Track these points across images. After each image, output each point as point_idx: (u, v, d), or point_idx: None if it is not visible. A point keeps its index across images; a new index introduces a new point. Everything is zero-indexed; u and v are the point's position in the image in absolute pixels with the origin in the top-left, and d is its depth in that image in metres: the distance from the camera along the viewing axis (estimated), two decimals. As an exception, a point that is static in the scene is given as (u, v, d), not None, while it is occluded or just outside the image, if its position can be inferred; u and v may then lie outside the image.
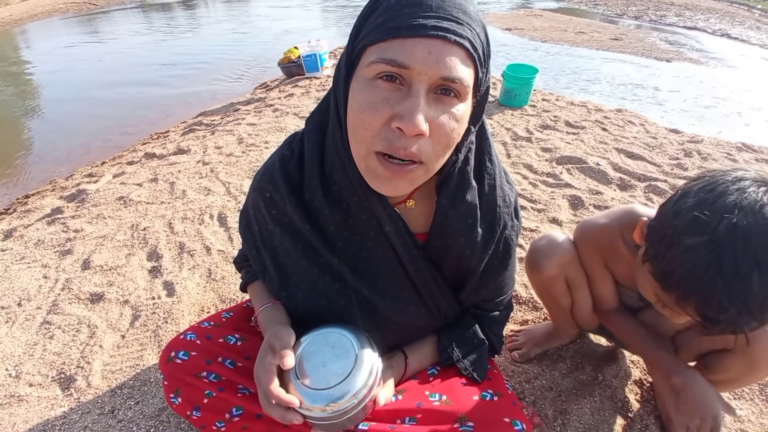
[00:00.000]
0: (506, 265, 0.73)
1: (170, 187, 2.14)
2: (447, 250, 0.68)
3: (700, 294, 0.63)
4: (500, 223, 0.68)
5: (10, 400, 1.12)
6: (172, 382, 0.76)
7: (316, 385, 0.59)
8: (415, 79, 0.48)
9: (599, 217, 0.95)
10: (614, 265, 0.95)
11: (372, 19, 0.51)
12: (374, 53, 0.49)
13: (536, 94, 3.49)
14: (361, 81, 0.51)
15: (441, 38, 0.47)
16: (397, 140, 0.50)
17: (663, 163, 2.33)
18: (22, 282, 1.54)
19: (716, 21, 9.13)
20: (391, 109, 0.49)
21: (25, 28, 8.95)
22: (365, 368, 0.60)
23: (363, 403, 0.60)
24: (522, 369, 1.13)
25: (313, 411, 0.58)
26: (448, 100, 0.51)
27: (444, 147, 0.53)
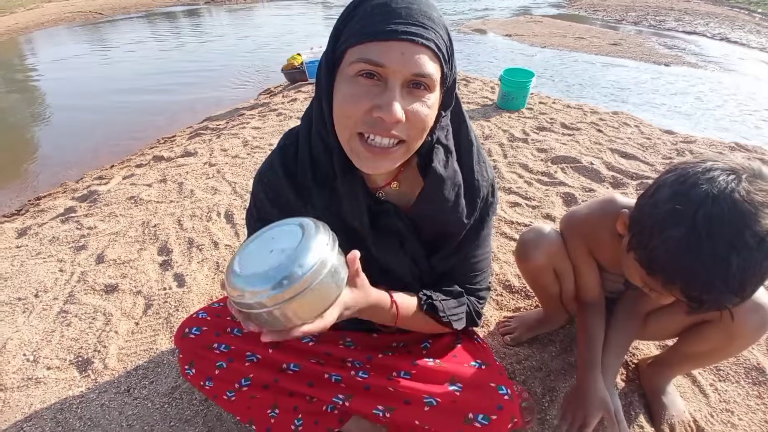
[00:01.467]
0: (478, 237, 0.77)
1: (179, 187, 2.22)
2: (429, 223, 0.74)
3: (684, 278, 0.69)
4: (480, 195, 0.75)
5: (27, 382, 1.19)
6: (186, 355, 0.83)
7: (253, 270, 0.51)
8: (390, 76, 0.57)
9: (582, 208, 1.01)
10: (598, 252, 1.01)
11: (351, 25, 0.60)
12: (355, 54, 0.58)
13: (533, 97, 3.58)
14: (345, 77, 0.60)
15: (410, 41, 0.56)
16: (378, 125, 0.58)
17: (656, 163, 2.40)
18: (38, 275, 1.62)
19: (716, 25, 9.20)
20: (371, 101, 0.57)
21: (32, 37, 9.14)
22: (314, 250, 0.51)
23: (309, 287, 0.50)
24: (513, 351, 1.20)
25: (249, 298, 0.50)
26: (419, 93, 0.59)
27: (420, 130, 0.62)
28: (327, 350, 0.84)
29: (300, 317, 0.52)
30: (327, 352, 0.83)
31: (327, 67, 0.64)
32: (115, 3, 12.81)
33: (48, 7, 12.04)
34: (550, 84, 4.53)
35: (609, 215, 0.91)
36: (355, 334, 0.89)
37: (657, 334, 1.10)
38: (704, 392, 1.13)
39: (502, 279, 1.49)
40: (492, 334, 1.27)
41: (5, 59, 7.34)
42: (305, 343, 0.84)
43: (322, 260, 0.51)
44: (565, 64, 5.51)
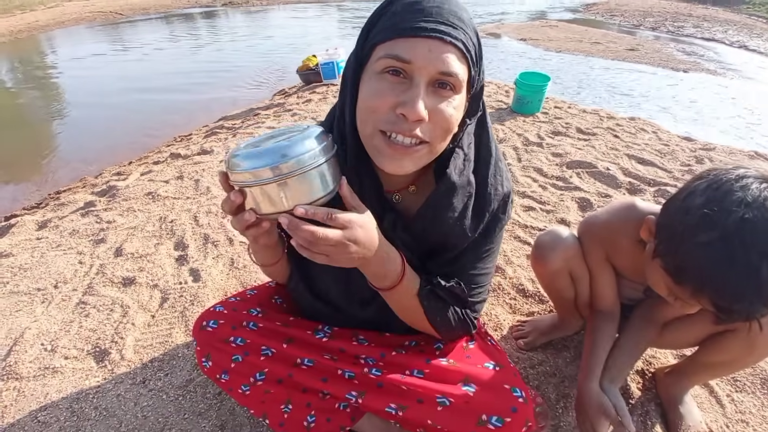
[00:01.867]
0: (480, 251, 0.75)
1: (195, 184, 2.25)
2: (431, 231, 0.71)
3: (714, 286, 0.68)
4: (489, 209, 0.73)
5: (44, 372, 1.21)
6: (204, 347, 0.85)
7: (254, 149, 0.55)
8: (416, 73, 0.57)
9: (601, 213, 1.00)
10: (617, 259, 1.00)
11: (380, 23, 0.60)
12: (382, 50, 0.58)
13: (548, 101, 3.55)
14: (371, 74, 0.60)
15: (439, 38, 0.56)
16: (401, 123, 0.58)
17: (674, 169, 2.36)
18: (58, 267, 1.66)
19: (734, 33, 9.05)
20: (395, 98, 0.57)
21: (52, 35, 9.38)
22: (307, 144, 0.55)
23: (309, 169, 0.54)
24: (527, 356, 1.19)
25: (244, 168, 0.54)
26: (445, 92, 0.59)
27: (444, 131, 0.61)
28: (341, 346, 0.84)
29: (287, 200, 0.55)
30: (341, 348, 0.84)
31: (355, 63, 0.64)
32: (135, 4, 13.09)
33: (68, 6, 12.35)
34: (564, 88, 4.49)
35: (629, 221, 0.90)
36: (367, 333, 0.89)
37: (675, 343, 1.08)
38: (721, 403, 1.11)
39: (515, 283, 1.48)
40: (505, 338, 1.26)
41: (26, 56, 7.55)
42: (319, 338, 0.85)
43: (318, 151, 0.55)
44: (581, 69, 5.47)
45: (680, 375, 1.08)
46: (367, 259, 0.62)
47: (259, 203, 0.56)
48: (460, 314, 0.76)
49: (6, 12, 11.13)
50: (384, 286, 0.69)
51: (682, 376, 1.07)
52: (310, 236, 0.54)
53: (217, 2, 13.96)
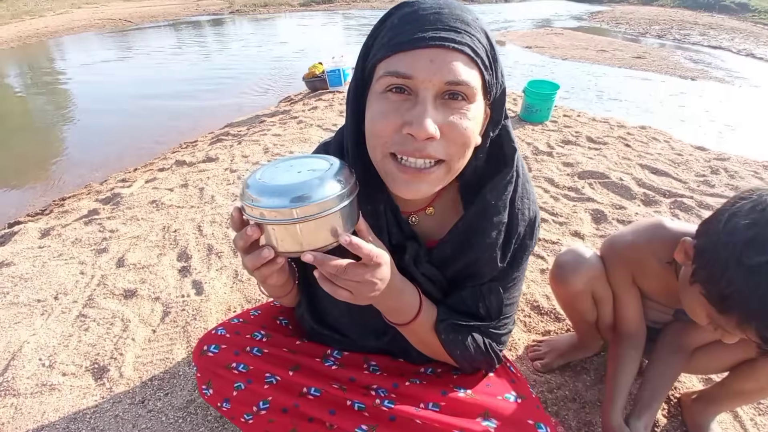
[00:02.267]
0: (507, 280, 0.70)
1: (200, 193, 2.22)
2: (459, 257, 0.67)
3: (763, 315, 0.62)
4: (515, 235, 0.67)
5: (42, 389, 1.17)
6: (204, 373, 0.80)
7: (274, 182, 0.51)
8: (420, 87, 0.52)
9: (627, 232, 0.94)
10: (644, 281, 0.94)
11: (379, 40, 0.56)
12: (382, 68, 0.54)
13: (557, 110, 3.51)
14: (374, 95, 0.56)
15: (440, 47, 0.51)
16: (410, 143, 0.53)
17: (689, 180, 2.30)
18: (59, 277, 1.62)
19: (741, 41, 9.00)
20: (401, 117, 0.53)
21: (61, 41, 9.49)
22: (335, 184, 0.51)
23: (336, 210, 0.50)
24: (544, 379, 1.13)
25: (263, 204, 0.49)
26: (457, 104, 0.54)
27: (461, 146, 0.55)
28: (351, 375, 0.79)
29: (308, 241, 0.51)
30: (351, 377, 0.79)
31: (355, 86, 0.60)
32: (144, 12, 13.25)
33: (77, 13, 12.53)
34: (572, 96, 4.45)
35: (658, 241, 0.85)
36: (380, 358, 0.84)
37: (704, 369, 1.02)
38: (744, 427, 1.05)
39: (530, 299, 1.42)
40: (520, 359, 1.20)
41: (35, 62, 7.63)
42: (328, 366, 0.80)
43: (344, 192, 0.51)
44: (588, 77, 5.43)
45: (708, 402, 1.02)
46: (383, 295, 0.59)
47: (279, 241, 0.52)
48: (484, 347, 0.70)
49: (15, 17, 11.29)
50: (399, 321, 0.65)
51: (710, 402, 1.01)
52: (340, 270, 0.51)
53: (225, 10, 14.10)
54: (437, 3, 0.54)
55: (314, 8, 14.85)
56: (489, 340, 0.71)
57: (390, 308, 0.64)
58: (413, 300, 0.65)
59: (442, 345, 0.69)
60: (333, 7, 15.15)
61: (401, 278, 0.63)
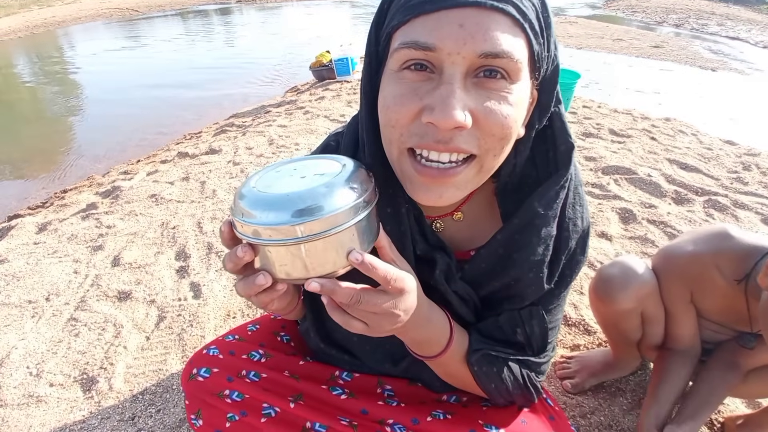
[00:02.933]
0: (552, 302, 0.59)
1: (201, 187, 2.12)
2: (497, 275, 0.55)
3: None
4: (565, 250, 0.55)
5: (29, 400, 1.09)
6: (193, 401, 0.69)
7: (273, 191, 0.40)
8: (446, 62, 0.39)
9: (685, 242, 0.82)
10: (704, 299, 0.82)
11: (395, 2, 0.44)
12: (398, 38, 0.42)
13: (576, 101, 3.34)
14: (388, 74, 0.44)
15: (473, 6, 0.38)
16: (431, 135, 0.41)
17: (721, 177, 2.14)
18: (52, 276, 1.54)
19: (758, 32, 8.71)
20: (420, 101, 0.41)
21: (69, 30, 9.44)
22: (351, 191, 0.40)
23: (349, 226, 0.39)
24: (576, 401, 1.01)
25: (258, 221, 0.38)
26: (495, 83, 0.41)
27: (499, 139, 0.42)
28: (362, 407, 0.67)
29: (314, 265, 0.39)
30: (362, 409, 0.67)
31: (368, 66, 0.48)
32: (151, 1, 13.15)
33: (85, 3, 12.47)
34: (590, 86, 4.26)
35: (724, 254, 0.73)
36: (396, 382, 0.72)
37: (757, 393, 0.91)
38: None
39: (555, 308, 1.30)
40: (548, 377, 1.08)
41: (42, 51, 7.58)
42: (336, 395, 0.69)
43: (357, 205, 0.39)
44: (605, 67, 5.22)
45: (755, 427, 0.92)
46: (405, 327, 0.47)
47: (278, 265, 0.40)
48: (522, 380, 0.59)
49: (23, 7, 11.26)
50: (426, 354, 0.54)
51: (757, 428, 0.91)
52: (353, 297, 0.40)
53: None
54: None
55: (322, -3, 14.60)
56: (527, 370, 0.60)
57: (414, 340, 0.52)
58: (443, 330, 0.53)
59: (475, 378, 0.57)
60: (341, -4, 14.88)
61: (429, 305, 0.51)
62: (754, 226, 1.76)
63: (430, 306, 0.52)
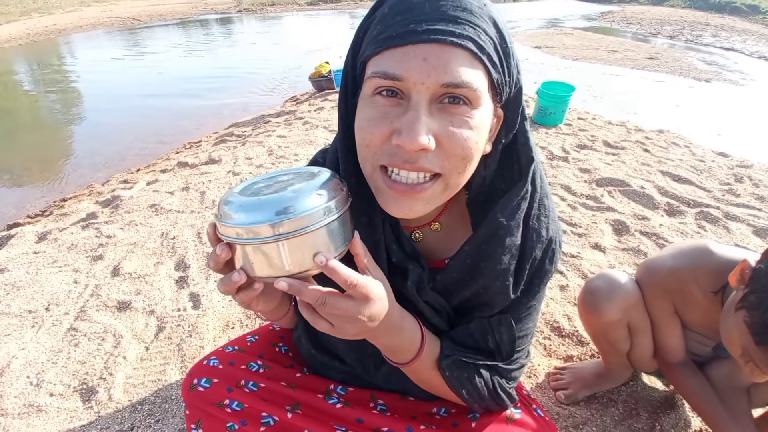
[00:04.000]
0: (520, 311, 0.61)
1: (201, 197, 2.15)
2: (466, 285, 0.58)
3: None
4: (529, 260, 0.58)
5: (29, 409, 1.10)
6: (194, 411, 0.71)
7: (250, 198, 0.44)
8: (412, 91, 0.44)
9: (667, 256, 0.85)
10: (685, 311, 0.84)
11: (369, 33, 0.49)
12: (371, 67, 0.46)
13: (571, 112, 3.39)
14: (363, 98, 0.49)
15: (435, 41, 0.43)
16: (399, 155, 0.46)
17: (713, 189, 2.18)
18: (52, 286, 1.55)
19: (753, 43, 8.83)
20: (390, 125, 0.46)
21: (70, 39, 9.50)
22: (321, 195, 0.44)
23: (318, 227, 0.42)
24: (568, 412, 1.03)
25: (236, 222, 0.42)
26: (457, 109, 0.45)
27: (461, 159, 0.47)
28: (357, 415, 0.70)
29: (287, 263, 0.43)
30: (357, 417, 0.69)
31: (344, 88, 0.52)
32: (153, 10, 13.28)
33: (87, 11, 12.59)
34: (584, 98, 4.32)
35: (703, 268, 0.76)
36: (388, 396, 0.75)
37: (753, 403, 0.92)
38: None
39: (549, 320, 1.32)
40: (541, 388, 1.10)
41: (43, 59, 7.63)
42: (332, 404, 0.71)
43: (329, 205, 0.44)
44: (600, 78, 5.30)
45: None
46: (375, 333, 0.50)
47: (252, 264, 0.44)
48: (492, 386, 0.61)
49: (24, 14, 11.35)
50: (398, 360, 0.57)
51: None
52: (318, 299, 0.44)
53: (233, 9, 14.10)
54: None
55: (321, 7, 14.80)
56: (498, 377, 0.63)
57: (386, 347, 0.55)
58: (414, 338, 0.56)
59: (447, 384, 0.60)
60: (340, 6, 15.09)
61: (400, 313, 0.54)
62: (746, 237, 1.79)
63: (402, 314, 0.55)
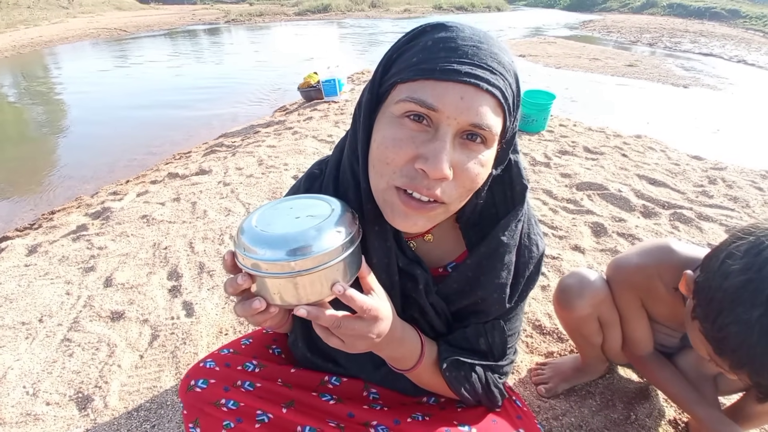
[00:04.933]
0: (511, 314, 0.69)
1: (192, 207, 2.17)
2: (466, 295, 0.65)
3: (754, 364, 0.60)
4: (525, 273, 0.65)
5: (26, 418, 1.12)
6: (191, 411, 0.75)
7: (272, 230, 0.47)
8: (443, 123, 0.49)
9: (632, 254, 0.91)
10: (652, 305, 0.91)
11: (406, 57, 0.52)
12: (404, 92, 0.50)
13: (553, 119, 3.50)
14: (388, 117, 0.52)
15: (474, 85, 0.48)
16: (419, 180, 0.50)
17: (687, 191, 2.29)
18: (44, 298, 1.56)
19: (732, 47, 9.13)
20: (415, 149, 0.49)
21: (56, 50, 9.44)
22: (339, 232, 0.47)
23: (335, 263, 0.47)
24: (549, 405, 1.08)
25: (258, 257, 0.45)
26: (474, 146, 0.51)
27: (467, 191, 0.53)
28: (349, 410, 0.74)
29: (305, 295, 0.48)
30: (349, 412, 0.74)
31: (369, 101, 0.56)
32: (140, 21, 13.27)
33: (73, 23, 12.52)
34: (566, 105, 4.46)
35: (665, 266, 0.82)
36: (380, 387, 0.80)
37: (722, 390, 0.98)
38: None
39: (531, 318, 1.38)
40: (523, 383, 1.16)
41: (29, 71, 7.57)
42: (325, 401, 0.75)
43: (347, 240, 0.48)
44: (582, 86, 5.46)
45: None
46: (380, 346, 0.56)
47: (272, 294, 0.48)
48: (486, 383, 0.68)
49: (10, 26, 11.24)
50: (400, 367, 0.63)
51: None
52: (334, 323, 0.49)
53: (221, 19, 14.14)
54: (477, 35, 0.50)
55: (309, 17, 14.94)
56: (490, 372, 0.69)
57: (390, 357, 0.62)
58: (415, 347, 0.62)
59: (447, 383, 0.66)
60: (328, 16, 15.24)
61: (402, 326, 0.60)
62: (719, 237, 1.89)
63: (403, 326, 0.61)
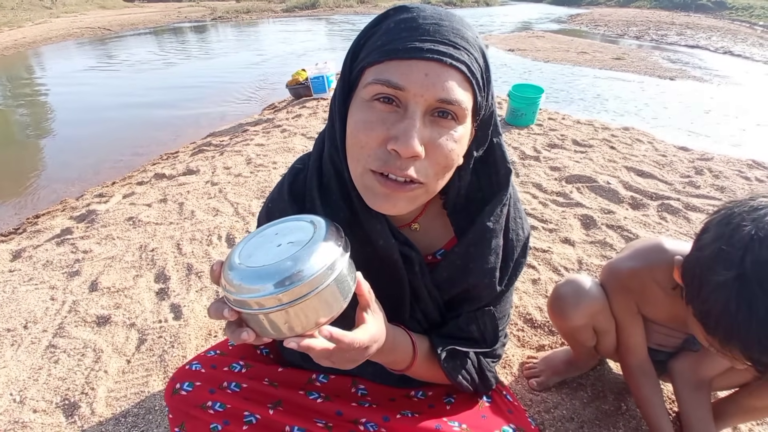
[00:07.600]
0: (501, 299, 0.70)
1: (179, 208, 2.14)
2: (457, 283, 0.65)
3: (739, 335, 0.60)
4: (513, 257, 0.66)
5: (14, 426, 1.09)
6: (177, 415, 0.73)
7: (255, 263, 0.44)
8: (410, 101, 0.49)
9: (625, 258, 0.89)
10: (649, 308, 0.89)
11: (370, 42, 0.53)
12: (372, 74, 0.50)
13: (542, 113, 3.51)
14: (359, 102, 0.52)
15: (437, 61, 0.48)
16: (393, 161, 0.50)
17: (674, 181, 2.31)
18: (29, 304, 1.53)
19: (718, 39, 9.24)
20: (386, 131, 0.49)
21: (39, 51, 9.23)
22: (324, 251, 0.44)
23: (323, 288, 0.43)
24: (540, 398, 1.09)
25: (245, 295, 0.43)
26: (446, 122, 0.51)
27: (443, 168, 0.53)
28: (337, 408, 0.73)
29: (298, 325, 0.44)
30: (337, 410, 0.73)
31: (342, 89, 0.56)
32: (124, 19, 13.03)
33: (56, 23, 12.25)
34: (555, 99, 4.47)
35: (659, 266, 0.80)
36: (368, 381, 0.79)
37: (717, 387, 0.98)
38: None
39: (522, 312, 1.38)
40: (515, 377, 1.16)
41: (12, 73, 7.39)
42: (312, 400, 0.74)
43: (332, 263, 0.44)
44: (570, 79, 5.48)
45: (715, 417, 0.97)
46: (373, 357, 0.56)
47: (260, 328, 0.45)
48: (478, 364, 0.70)
49: (-9, 29, 10.97)
50: (397, 369, 0.65)
51: (717, 418, 0.96)
52: (326, 354, 0.47)
53: (207, 17, 13.95)
54: (438, 13, 0.51)
55: (297, 14, 14.81)
56: (483, 356, 0.71)
57: (384, 362, 0.63)
58: (407, 349, 0.63)
59: (445, 374, 0.67)
60: (316, 13, 15.12)
61: (393, 332, 0.60)
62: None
63: (395, 333, 0.61)
